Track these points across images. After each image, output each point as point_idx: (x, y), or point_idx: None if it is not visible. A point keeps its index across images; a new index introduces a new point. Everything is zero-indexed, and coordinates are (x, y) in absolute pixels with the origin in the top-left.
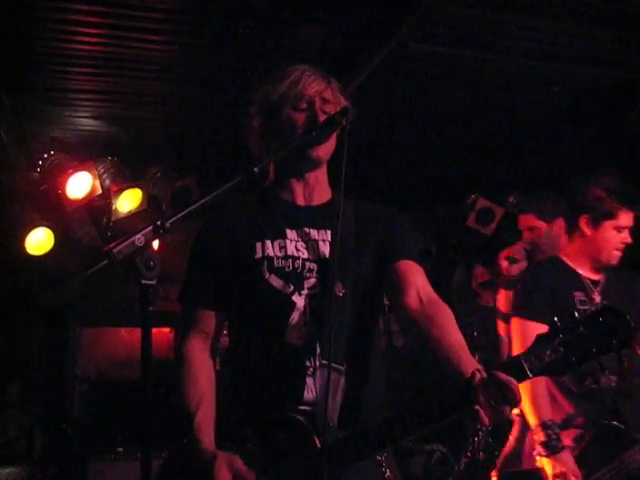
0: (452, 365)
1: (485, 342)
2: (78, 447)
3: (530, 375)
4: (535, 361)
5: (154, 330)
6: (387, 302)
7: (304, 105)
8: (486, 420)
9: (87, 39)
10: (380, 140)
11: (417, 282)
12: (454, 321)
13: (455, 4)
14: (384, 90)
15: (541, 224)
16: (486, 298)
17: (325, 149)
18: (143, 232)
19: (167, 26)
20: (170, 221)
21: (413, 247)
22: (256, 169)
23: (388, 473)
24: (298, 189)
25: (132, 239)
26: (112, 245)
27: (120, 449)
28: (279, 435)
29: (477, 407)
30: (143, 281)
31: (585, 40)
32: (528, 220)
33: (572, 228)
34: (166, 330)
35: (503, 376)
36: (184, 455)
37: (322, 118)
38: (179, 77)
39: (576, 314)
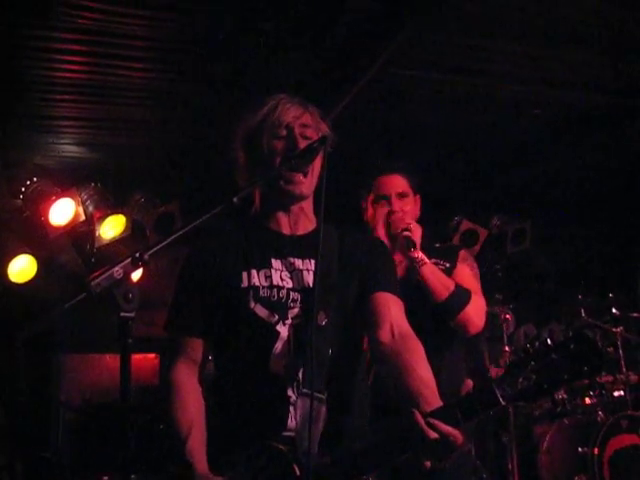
0: (412, 402)
1: (472, 366)
2: (62, 475)
3: (502, 402)
4: (507, 388)
5: (139, 356)
6: None
7: (283, 132)
8: (427, 464)
9: (70, 67)
10: (361, 164)
11: (392, 316)
12: (423, 357)
13: (435, 30)
14: (366, 115)
15: None
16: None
17: (307, 186)
18: (122, 264)
19: (150, 54)
20: (149, 253)
21: (392, 279)
22: (235, 199)
23: None
24: (283, 219)
25: (110, 271)
26: (90, 278)
27: (105, 477)
28: (261, 463)
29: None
30: (122, 313)
31: (566, 64)
32: None
33: None
34: (151, 356)
35: (441, 426)
36: None
37: (302, 143)
38: (162, 104)
39: (548, 341)
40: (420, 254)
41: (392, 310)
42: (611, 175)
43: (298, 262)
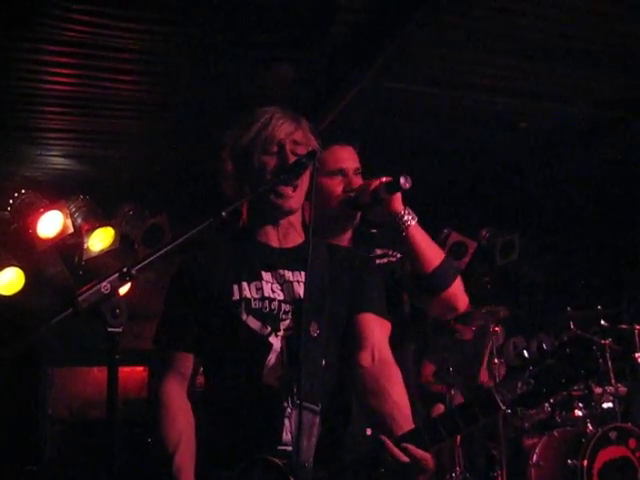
0: (386, 426)
1: (461, 380)
2: None
3: (503, 407)
4: (507, 393)
5: (127, 369)
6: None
7: (275, 149)
8: None
9: (59, 79)
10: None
11: (374, 339)
12: (401, 383)
13: (426, 44)
14: (354, 127)
15: None
16: (463, 332)
17: (296, 200)
18: (109, 279)
19: (138, 66)
20: (137, 267)
21: (379, 299)
22: (224, 213)
23: None
24: (272, 232)
25: (98, 287)
26: (77, 293)
27: None
28: (256, 477)
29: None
30: (109, 329)
31: (554, 78)
32: None
33: None
34: (139, 369)
35: (413, 450)
36: None
37: (293, 160)
38: (150, 116)
39: (544, 346)
40: (407, 208)
41: (375, 333)
42: (599, 188)
43: (288, 274)
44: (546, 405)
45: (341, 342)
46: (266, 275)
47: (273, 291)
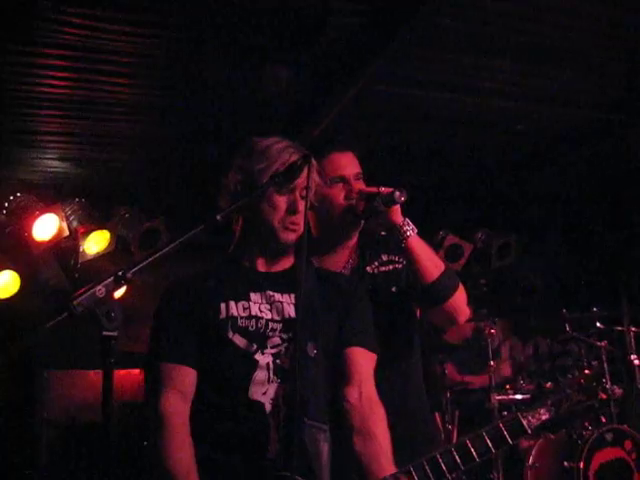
0: (371, 471)
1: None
2: None
3: (529, 432)
4: (532, 419)
5: (123, 372)
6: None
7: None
8: None
9: (54, 82)
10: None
11: (362, 376)
12: (385, 426)
13: (421, 47)
14: (349, 131)
15: None
16: (451, 334)
17: (297, 234)
18: (104, 283)
19: (134, 69)
20: (132, 271)
21: (367, 331)
22: (219, 217)
23: None
24: (260, 259)
25: (93, 290)
26: (72, 297)
27: None
28: None
29: None
30: (104, 332)
31: (551, 80)
32: None
33: None
34: (135, 372)
35: None
36: None
37: (301, 205)
38: (147, 119)
39: (558, 378)
40: (406, 219)
41: (363, 369)
42: (596, 190)
43: (277, 295)
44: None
45: (331, 367)
46: (254, 296)
47: (261, 310)
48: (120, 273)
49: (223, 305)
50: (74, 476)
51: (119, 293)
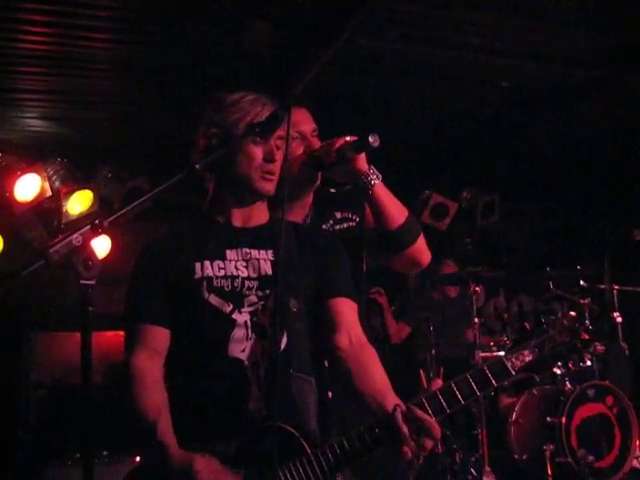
0: (378, 404)
1: (443, 339)
2: (35, 454)
3: (513, 373)
4: (515, 361)
5: (110, 333)
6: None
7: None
8: (408, 454)
9: (33, 38)
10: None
11: (349, 322)
12: (379, 363)
13: (405, 1)
14: (332, 87)
15: None
16: (448, 292)
17: (273, 184)
18: (81, 231)
19: (114, 24)
20: (109, 220)
21: (348, 281)
22: (197, 166)
23: None
24: (236, 213)
25: (69, 239)
26: (48, 245)
27: (78, 454)
28: (267, 443)
29: (400, 441)
30: (82, 281)
31: (536, 36)
32: None
33: None
34: (122, 334)
35: (419, 413)
36: (152, 467)
37: (278, 154)
38: (128, 76)
39: (542, 319)
40: (371, 166)
41: (349, 317)
42: (581, 148)
43: (254, 252)
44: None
45: (312, 321)
46: (231, 254)
47: (237, 268)
48: (97, 221)
49: (198, 265)
50: (62, 436)
51: (103, 253)
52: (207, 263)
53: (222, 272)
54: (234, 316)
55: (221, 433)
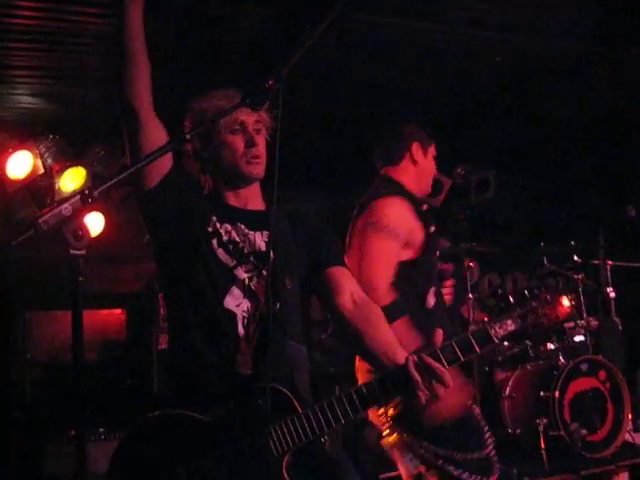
0: (389, 358)
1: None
2: (31, 432)
3: (496, 341)
4: (499, 329)
5: (105, 312)
6: None
7: (237, 127)
8: (422, 399)
9: (24, 12)
10: (321, 115)
11: (350, 285)
12: (385, 320)
13: None
14: (324, 63)
15: None
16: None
17: (263, 166)
18: (70, 202)
19: None
20: (99, 190)
21: (341, 254)
22: (188, 136)
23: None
24: (232, 199)
25: (59, 209)
26: (38, 215)
27: (72, 431)
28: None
29: (414, 388)
30: (72, 251)
31: (531, 11)
32: None
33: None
34: (118, 311)
35: (430, 360)
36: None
37: (258, 139)
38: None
39: (526, 292)
40: None
41: (349, 281)
42: (574, 125)
43: (250, 232)
44: (527, 341)
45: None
46: (227, 226)
47: (237, 237)
48: (87, 192)
49: (214, 217)
50: (59, 415)
51: (97, 231)
52: (218, 223)
53: (227, 236)
54: (236, 272)
55: (213, 392)
